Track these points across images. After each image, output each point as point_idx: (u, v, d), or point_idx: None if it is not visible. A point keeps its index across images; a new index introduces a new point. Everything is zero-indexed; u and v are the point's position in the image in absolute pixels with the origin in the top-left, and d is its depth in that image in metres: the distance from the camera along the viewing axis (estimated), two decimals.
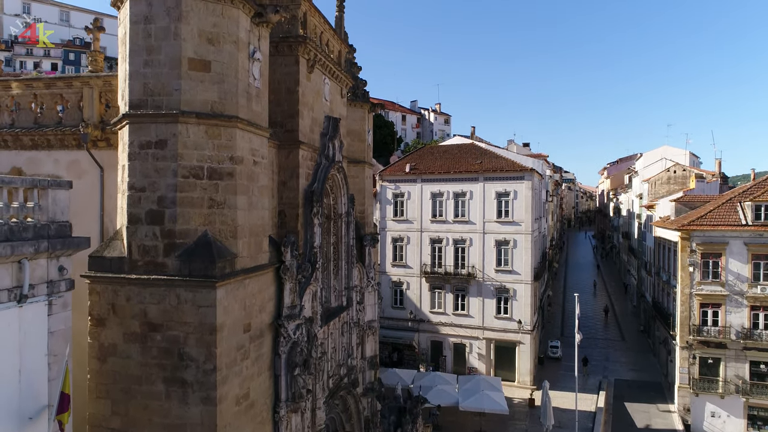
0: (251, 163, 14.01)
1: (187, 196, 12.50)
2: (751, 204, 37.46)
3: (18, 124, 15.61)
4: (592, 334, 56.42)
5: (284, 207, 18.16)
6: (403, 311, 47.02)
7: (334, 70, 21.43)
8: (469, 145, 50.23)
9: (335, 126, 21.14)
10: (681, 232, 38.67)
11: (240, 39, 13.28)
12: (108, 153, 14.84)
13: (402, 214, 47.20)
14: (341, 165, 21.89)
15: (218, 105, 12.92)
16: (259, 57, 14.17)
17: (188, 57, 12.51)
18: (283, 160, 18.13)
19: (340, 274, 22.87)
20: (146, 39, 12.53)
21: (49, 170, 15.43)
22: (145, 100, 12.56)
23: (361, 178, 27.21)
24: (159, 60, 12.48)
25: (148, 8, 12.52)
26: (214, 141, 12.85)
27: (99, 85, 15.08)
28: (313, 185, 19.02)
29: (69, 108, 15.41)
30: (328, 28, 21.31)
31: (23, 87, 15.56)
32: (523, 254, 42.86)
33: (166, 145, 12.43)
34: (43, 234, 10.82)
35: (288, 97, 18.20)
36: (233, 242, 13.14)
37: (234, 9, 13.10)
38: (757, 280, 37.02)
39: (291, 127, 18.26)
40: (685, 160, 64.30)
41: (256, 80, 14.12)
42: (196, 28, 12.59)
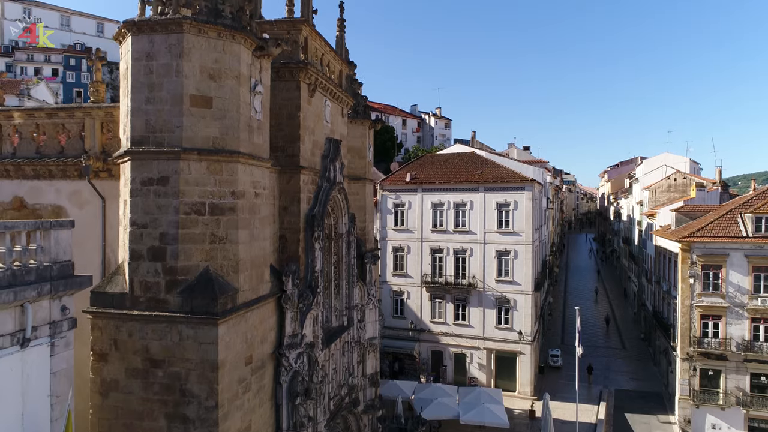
0: (253, 196, 14.05)
1: (189, 232, 12.54)
2: (751, 216, 37.47)
3: (20, 154, 15.66)
4: (593, 342, 56.42)
5: (285, 232, 18.19)
6: (404, 321, 47.04)
7: (335, 92, 21.46)
8: (470, 154, 50.24)
9: (336, 148, 21.18)
10: (681, 244, 38.67)
11: (241, 74, 13.32)
12: (110, 183, 14.88)
13: (403, 224, 47.23)
14: (342, 186, 21.94)
15: (220, 140, 12.96)
16: (261, 90, 14.21)
17: (190, 94, 12.55)
18: (284, 185, 18.16)
19: (341, 294, 22.91)
20: (148, 76, 12.57)
21: (51, 200, 15.48)
22: (147, 136, 12.60)
23: (362, 195, 27.26)
24: (161, 97, 12.52)
25: (150, 45, 12.56)
26: (215, 176, 12.89)
27: (101, 116, 15.13)
28: (314, 209, 19.06)
29: (71, 138, 15.45)
30: (329, 49, 21.35)
31: (25, 117, 15.60)
32: (524, 265, 42.88)
33: (168, 181, 12.47)
34: (46, 276, 10.88)
35: (289, 122, 18.23)
36: (235, 277, 13.18)
37: (235, 44, 13.15)
38: (757, 292, 37.01)
39: (292, 152, 18.29)
40: (685, 168, 64.34)
41: (257, 113, 14.17)
42: (197, 65, 12.62)
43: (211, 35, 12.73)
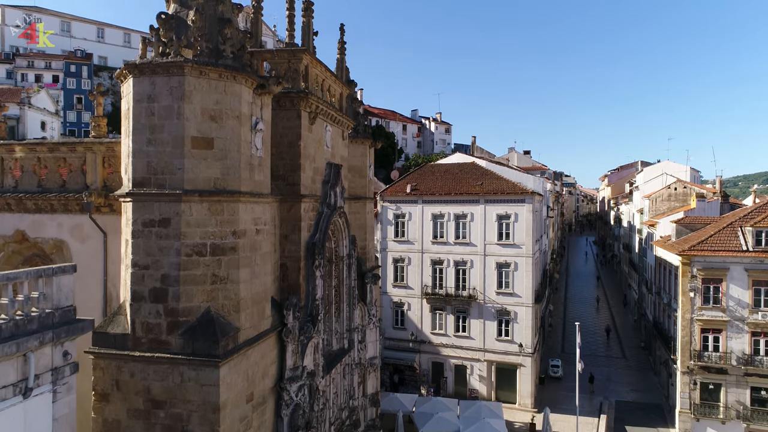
0: (254, 233, 14.09)
1: (190, 274, 12.58)
2: (752, 230, 37.48)
3: (22, 187, 15.70)
4: (593, 351, 56.46)
5: (286, 260, 18.24)
6: (404, 332, 47.07)
7: (335, 116, 21.51)
8: (470, 164, 50.23)
9: (337, 173, 21.22)
10: (682, 257, 38.68)
11: (242, 113, 13.37)
12: (111, 218, 14.93)
13: (403, 235, 47.25)
14: (343, 210, 21.98)
15: (221, 181, 13.00)
16: (262, 127, 14.26)
17: (191, 136, 12.60)
18: (285, 214, 18.21)
19: (342, 317, 22.95)
20: (149, 118, 12.62)
21: (53, 234, 15.53)
22: (149, 178, 12.64)
23: (362, 214, 27.31)
24: (162, 139, 12.57)
25: (152, 87, 12.61)
26: (216, 217, 12.93)
27: (102, 151, 15.17)
28: (315, 236, 19.10)
29: (72, 171, 15.49)
30: (329, 74, 21.40)
31: (27, 150, 15.65)
32: (524, 277, 42.90)
33: (169, 223, 12.52)
34: (48, 323, 10.93)
35: (290, 150, 18.28)
36: (236, 316, 13.22)
37: (237, 84, 13.20)
38: (757, 306, 37.03)
39: (293, 181, 18.34)
40: (686, 176, 64.35)
41: (258, 150, 14.21)
42: (198, 107, 12.67)
43: (213, 76, 12.79)
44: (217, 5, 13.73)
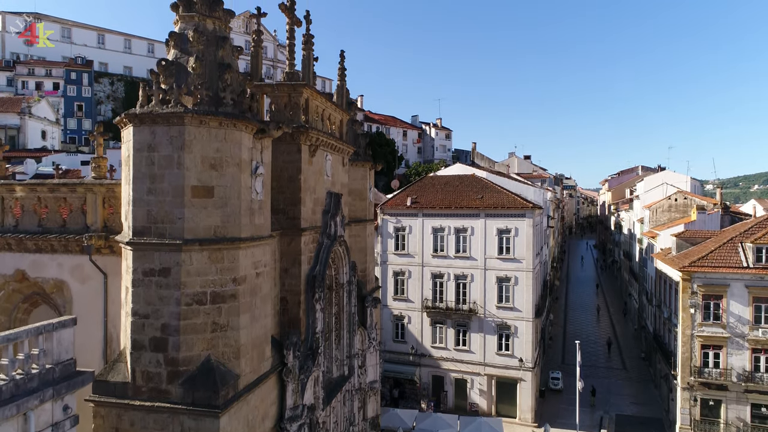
0: (254, 277, 14.09)
1: (191, 323, 12.59)
2: (752, 246, 37.47)
3: (22, 226, 15.72)
4: (593, 362, 56.44)
5: (286, 294, 18.24)
6: (405, 345, 47.09)
7: (335, 145, 21.50)
8: (470, 176, 50.23)
9: (337, 202, 21.23)
10: (682, 273, 38.68)
11: (243, 160, 13.38)
12: (111, 259, 14.94)
13: (403, 248, 47.26)
14: (343, 238, 21.98)
15: (221, 229, 13.01)
16: (262, 171, 14.27)
17: (191, 185, 12.61)
18: (285, 248, 18.21)
19: (342, 344, 22.96)
20: (149, 167, 12.63)
21: (53, 274, 15.54)
22: (149, 227, 12.65)
23: (363, 237, 27.32)
24: (162, 188, 12.58)
25: (152, 137, 12.62)
26: (216, 265, 12.94)
27: (102, 192, 15.19)
28: (315, 268, 19.10)
29: (73, 211, 15.51)
30: (329, 104, 21.39)
31: (27, 190, 15.66)
32: (524, 291, 42.91)
33: (169, 273, 12.52)
34: (49, 379, 10.94)
35: (290, 185, 18.29)
36: (236, 363, 13.22)
37: (237, 131, 13.20)
38: (758, 323, 37.04)
39: (293, 215, 18.35)
40: (686, 186, 64.32)
41: (258, 194, 14.21)
42: (199, 156, 12.68)
43: (213, 125, 12.80)
44: (217, 50, 13.75)
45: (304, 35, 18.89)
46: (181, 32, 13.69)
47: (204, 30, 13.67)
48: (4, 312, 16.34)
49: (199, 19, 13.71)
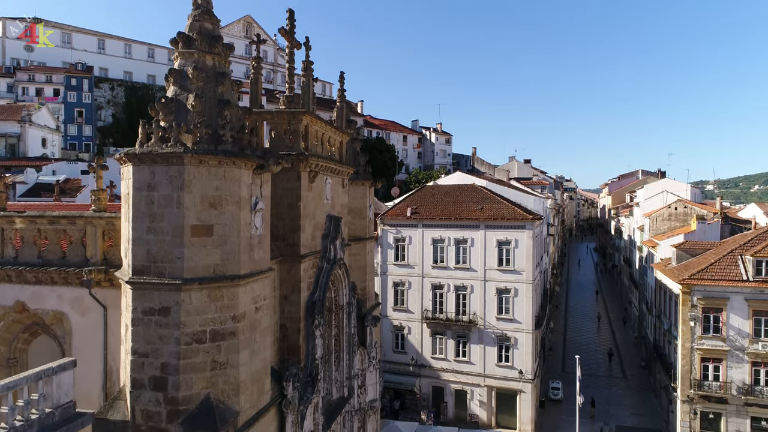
0: (253, 312, 14.10)
1: (190, 362, 12.59)
2: (752, 259, 37.50)
3: (22, 257, 15.74)
4: (594, 371, 56.45)
5: (286, 321, 18.25)
6: (405, 356, 47.12)
7: (335, 168, 21.52)
8: (470, 186, 50.24)
9: (337, 226, 21.24)
10: (682, 286, 38.70)
11: (242, 197, 13.39)
12: (111, 292, 14.95)
13: (403, 259, 47.29)
14: (342, 261, 21.99)
15: (220, 267, 13.02)
16: (261, 207, 14.28)
17: (191, 224, 12.61)
18: (285, 275, 18.22)
19: (342, 365, 22.96)
20: (149, 206, 12.64)
21: (53, 305, 15.56)
22: (149, 266, 12.66)
23: (362, 255, 27.32)
24: (162, 227, 12.59)
25: (151, 176, 12.63)
26: (216, 303, 12.95)
27: (102, 225, 15.20)
28: (315, 294, 19.11)
29: (73, 243, 15.53)
30: (329, 128, 21.40)
31: (27, 222, 15.69)
32: (524, 303, 42.93)
33: (169, 312, 12.53)
34: (48, 424, 10.97)
35: (289, 212, 18.31)
36: (235, 400, 13.24)
37: (236, 169, 13.21)
38: (758, 336, 37.08)
39: (293, 242, 18.35)
40: (686, 194, 64.35)
41: (258, 229, 14.22)
42: (198, 195, 12.69)
43: (212, 163, 12.81)
44: (216, 86, 13.76)
45: (303, 61, 18.93)
46: (180, 69, 13.69)
47: (203, 66, 13.68)
48: (4, 342, 16.36)
49: (198, 56, 13.72)
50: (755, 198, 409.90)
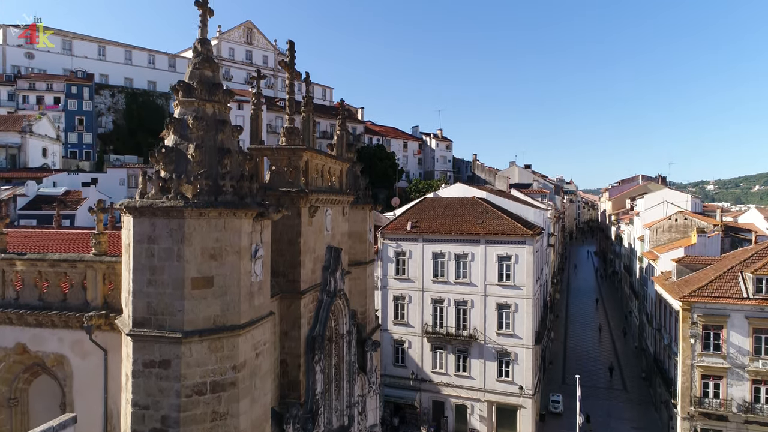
0: (254, 358, 14.12)
1: (190, 414, 12.61)
2: (752, 276, 37.50)
3: (23, 299, 15.77)
4: (594, 383, 56.47)
5: (286, 356, 18.29)
6: (405, 370, 47.16)
7: (335, 199, 21.54)
8: (470, 199, 50.25)
9: (337, 258, 21.26)
10: (683, 303, 38.72)
11: (242, 247, 13.41)
12: (111, 336, 14.97)
13: (404, 273, 47.32)
14: (343, 291, 22.01)
15: (221, 318, 13.04)
16: (261, 254, 14.30)
17: (191, 277, 12.64)
18: (285, 310, 18.26)
19: (342, 393, 22.96)
20: (149, 259, 12.66)
21: (54, 348, 15.59)
22: (149, 318, 12.69)
23: (363, 279, 27.32)
24: (162, 280, 12.61)
25: (152, 229, 12.66)
26: (216, 354, 12.97)
27: (102, 269, 15.23)
28: (315, 329, 19.14)
29: (73, 286, 15.57)
30: (329, 159, 21.42)
31: (28, 265, 15.72)
32: (525, 319, 42.95)
33: (169, 365, 12.56)
34: None
35: (290, 248, 18.34)
36: None
37: (237, 220, 13.23)
38: (758, 353, 37.09)
39: (293, 278, 18.39)
40: (686, 204, 64.35)
41: (258, 276, 14.24)
42: (198, 248, 12.72)
43: (213, 215, 12.83)
44: (216, 134, 13.79)
45: (304, 97, 18.94)
46: (180, 117, 13.71)
47: (203, 115, 13.71)
48: (5, 382, 16.39)
49: (198, 105, 13.75)
50: (756, 198, 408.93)
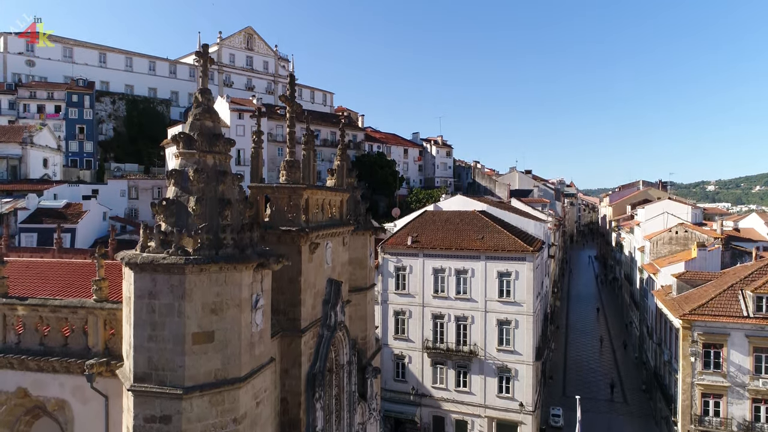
0: (254, 408, 14.17)
1: None
2: (752, 295, 37.52)
3: (24, 344, 15.82)
4: (594, 395, 56.46)
5: (286, 394, 18.30)
6: (405, 384, 47.20)
7: (336, 232, 21.57)
8: (471, 213, 50.26)
9: (337, 291, 21.28)
10: (683, 321, 38.74)
11: (243, 299, 13.45)
12: (112, 381, 14.98)
13: (404, 288, 47.36)
14: (343, 323, 22.05)
15: (222, 372, 13.08)
16: (262, 304, 14.35)
17: (192, 332, 12.68)
18: (285, 349, 18.27)
19: (342, 423, 23.01)
20: (150, 314, 12.71)
21: (55, 393, 15.63)
22: (150, 373, 12.73)
23: (363, 305, 27.31)
24: (163, 336, 12.66)
25: (152, 284, 12.70)
26: (217, 408, 13.01)
27: (103, 315, 15.28)
28: (316, 365, 19.17)
29: (74, 331, 15.63)
30: (329, 193, 21.44)
31: (29, 310, 15.77)
32: (525, 335, 42.99)
33: (170, 420, 12.60)
34: None
35: (290, 286, 18.35)
36: None
37: (237, 273, 13.28)
38: (758, 372, 37.12)
39: (293, 316, 18.41)
40: (687, 216, 64.37)
41: (258, 326, 14.29)
42: (199, 303, 12.76)
43: (213, 270, 12.87)
44: (217, 186, 13.83)
45: (305, 135, 18.98)
46: (181, 169, 13.75)
47: (204, 167, 13.76)
48: (6, 425, 16.43)
49: (199, 156, 13.80)
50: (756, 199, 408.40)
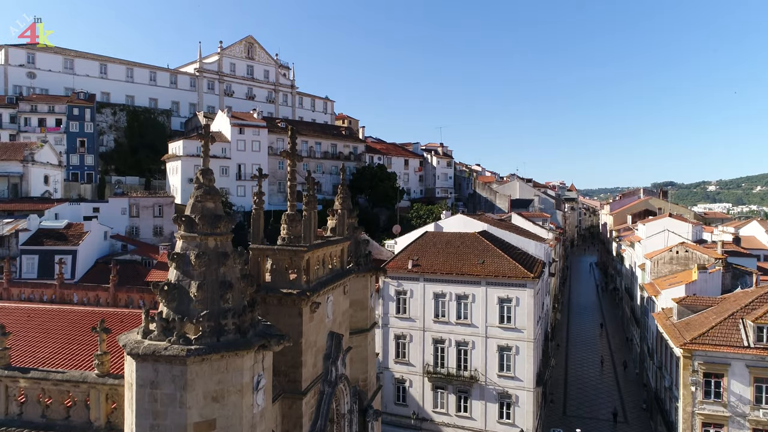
0: None
1: None
2: (753, 325, 37.53)
3: (26, 415, 15.89)
4: (594, 415, 56.47)
5: None
6: (406, 408, 47.26)
7: (337, 284, 21.63)
8: (471, 236, 50.30)
9: (338, 344, 21.36)
10: (683, 350, 38.76)
11: (244, 385, 13.48)
12: None
13: (405, 312, 47.43)
14: (344, 375, 22.12)
15: None
16: (263, 384, 14.38)
17: (194, 422, 12.72)
18: (286, 410, 18.37)
19: None
20: (152, 404, 12.75)
21: None
22: None
23: (364, 346, 27.39)
24: (165, 426, 12.70)
25: (154, 374, 12.74)
26: None
27: (105, 390, 15.34)
28: (317, 424, 19.25)
29: (76, 404, 15.69)
30: (330, 248, 21.50)
31: (31, 383, 15.83)
32: (525, 362, 43.03)
33: None
34: None
35: (291, 348, 18.37)
36: None
37: (238, 359, 13.32)
38: (759, 403, 37.12)
39: (294, 377, 18.50)
40: (687, 233, 64.41)
41: (259, 406, 14.32)
42: (201, 393, 12.80)
43: (215, 358, 12.91)
44: (219, 268, 13.87)
45: (306, 195, 19.03)
46: (183, 252, 13.79)
47: (206, 250, 13.80)
48: None
49: (200, 240, 13.84)
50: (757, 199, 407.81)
